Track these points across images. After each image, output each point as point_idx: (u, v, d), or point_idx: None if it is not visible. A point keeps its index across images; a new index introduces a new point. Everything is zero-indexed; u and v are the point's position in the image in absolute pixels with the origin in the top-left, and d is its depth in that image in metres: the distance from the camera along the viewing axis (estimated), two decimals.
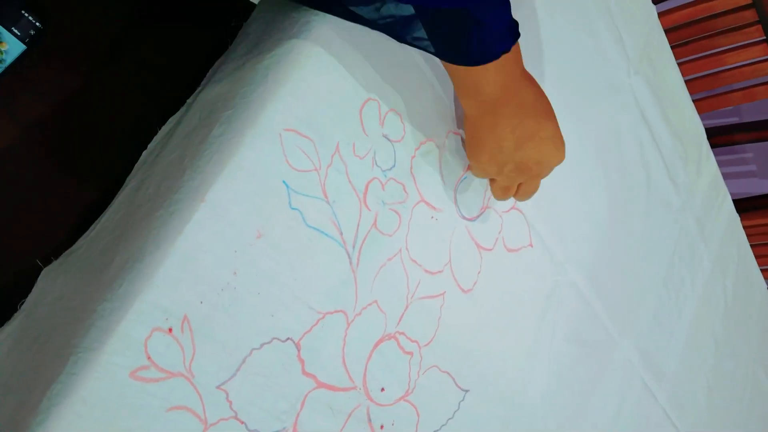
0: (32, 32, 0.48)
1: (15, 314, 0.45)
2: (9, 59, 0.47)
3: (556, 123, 0.56)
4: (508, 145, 0.53)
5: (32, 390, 0.38)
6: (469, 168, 0.61)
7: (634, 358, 0.87)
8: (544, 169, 0.57)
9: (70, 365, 0.37)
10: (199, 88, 0.51)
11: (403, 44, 0.51)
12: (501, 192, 0.60)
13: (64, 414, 0.36)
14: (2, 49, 0.46)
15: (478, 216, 0.63)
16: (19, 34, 0.47)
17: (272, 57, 0.47)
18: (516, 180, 0.57)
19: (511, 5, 0.45)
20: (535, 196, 0.62)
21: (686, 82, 1.02)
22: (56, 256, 0.46)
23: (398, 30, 0.49)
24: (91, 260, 0.45)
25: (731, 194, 1.17)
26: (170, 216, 0.42)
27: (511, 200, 0.67)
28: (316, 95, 0.48)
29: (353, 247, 0.51)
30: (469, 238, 0.62)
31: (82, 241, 0.47)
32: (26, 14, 0.47)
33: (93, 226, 0.47)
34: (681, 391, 0.96)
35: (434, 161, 0.58)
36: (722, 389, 1.09)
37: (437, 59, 0.57)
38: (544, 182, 0.61)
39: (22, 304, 0.45)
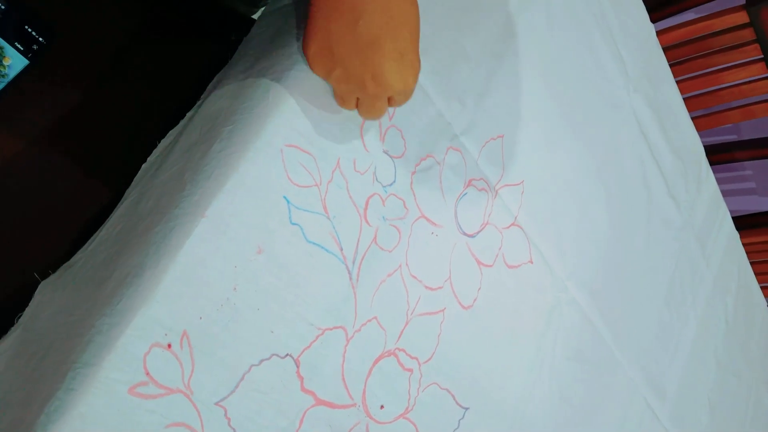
0: (35, 47, 0.48)
1: (12, 328, 0.44)
2: (12, 74, 0.47)
3: (416, 43, 0.47)
4: (342, 44, 0.44)
5: (30, 405, 0.38)
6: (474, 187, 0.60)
7: (636, 377, 0.86)
8: (382, 91, 0.46)
9: (68, 381, 0.37)
10: (199, 102, 0.51)
11: None
12: (339, 100, 0.49)
13: (62, 430, 0.36)
14: (5, 63, 0.47)
15: (478, 232, 0.63)
16: (22, 48, 0.47)
17: (273, 73, 0.48)
18: (350, 93, 0.48)
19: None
20: (536, 212, 0.62)
21: (684, 100, 1.03)
22: (54, 270, 0.46)
23: None
24: (90, 274, 0.44)
25: (730, 211, 1.17)
26: (170, 231, 0.41)
27: (512, 216, 0.67)
28: (318, 111, 0.48)
29: (353, 262, 0.50)
30: (470, 254, 0.62)
31: (80, 255, 0.46)
32: (29, 29, 0.48)
33: (91, 239, 0.47)
34: (683, 410, 0.96)
35: (435, 177, 0.58)
36: (724, 407, 1.08)
37: (438, 76, 0.58)
38: (545, 198, 0.61)
39: (19, 317, 0.45)
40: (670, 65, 0.98)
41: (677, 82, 1.00)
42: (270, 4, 0.54)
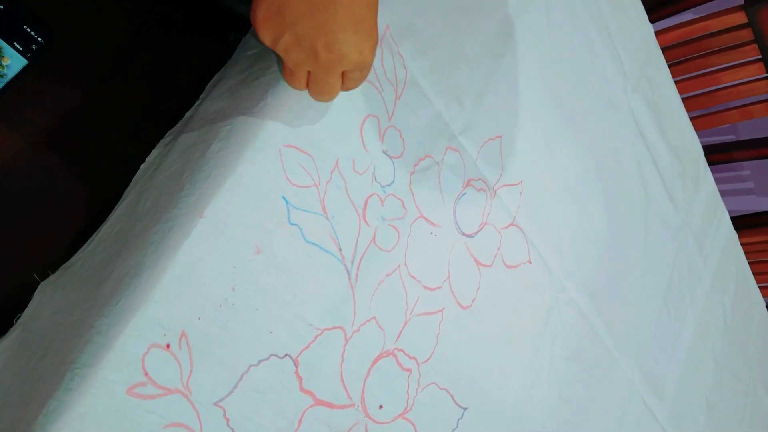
0: (34, 47, 0.48)
1: (11, 329, 0.44)
2: (11, 74, 0.47)
3: (374, 12, 0.43)
4: (293, 5, 0.40)
5: (29, 405, 0.38)
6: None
7: (634, 376, 0.86)
8: (336, 61, 0.43)
9: (66, 381, 0.37)
10: (198, 102, 0.51)
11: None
12: (287, 75, 0.45)
13: (61, 430, 0.35)
14: (4, 63, 0.47)
15: (477, 232, 0.63)
16: (21, 48, 0.47)
17: (272, 73, 0.48)
18: (300, 64, 0.44)
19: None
20: (534, 212, 0.62)
21: (683, 100, 1.03)
22: (53, 270, 0.46)
23: None
24: (89, 274, 0.44)
25: (729, 211, 1.17)
26: (169, 231, 0.41)
27: (510, 216, 0.67)
28: (316, 111, 0.48)
29: (352, 262, 0.50)
30: (468, 255, 0.62)
31: (79, 255, 0.46)
32: (28, 29, 0.47)
33: (90, 239, 0.47)
34: (681, 410, 0.96)
35: (433, 177, 0.58)
36: (722, 407, 1.08)
37: (437, 75, 0.58)
38: (543, 198, 0.61)
39: (19, 318, 0.45)
40: (669, 65, 0.98)
41: (675, 83, 1.00)
42: None
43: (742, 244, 1.21)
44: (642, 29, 0.91)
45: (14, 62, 0.47)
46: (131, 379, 0.38)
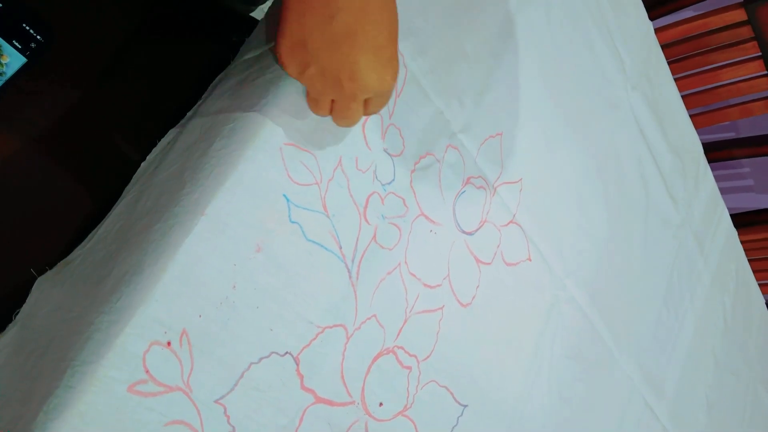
0: (33, 45, 0.48)
1: (10, 325, 0.44)
2: (9, 72, 0.47)
3: (394, 40, 0.44)
4: (316, 38, 0.42)
5: (29, 403, 0.38)
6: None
7: (634, 375, 0.86)
8: (358, 90, 0.44)
9: (67, 378, 0.37)
10: (200, 102, 0.51)
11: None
12: (312, 104, 0.47)
13: (61, 428, 0.36)
14: (3, 61, 0.47)
15: (476, 230, 0.63)
16: (20, 47, 0.47)
17: (274, 72, 0.48)
18: (324, 93, 0.45)
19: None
20: (534, 210, 0.62)
21: (683, 97, 1.03)
22: (52, 267, 0.46)
23: None
24: (88, 272, 0.44)
25: (728, 209, 1.17)
26: (169, 229, 0.41)
27: (510, 214, 0.67)
28: None
29: (353, 260, 0.51)
30: (468, 252, 0.62)
31: (78, 252, 0.46)
32: (27, 27, 0.47)
33: (89, 236, 0.47)
34: (681, 409, 0.96)
35: (433, 175, 0.58)
36: (722, 406, 1.08)
37: (437, 74, 0.58)
38: (543, 196, 0.61)
39: (17, 314, 0.45)
40: (669, 63, 0.98)
41: (675, 80, 1.00)
42: (272, 6, 0.54)
43: (741, 242, 1.21)
44: (642, 27, 0.91)
45: (13, 60, 0.47)
46: (132, 377, 0.38)
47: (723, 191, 1.14)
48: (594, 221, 0.80)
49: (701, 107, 1.48)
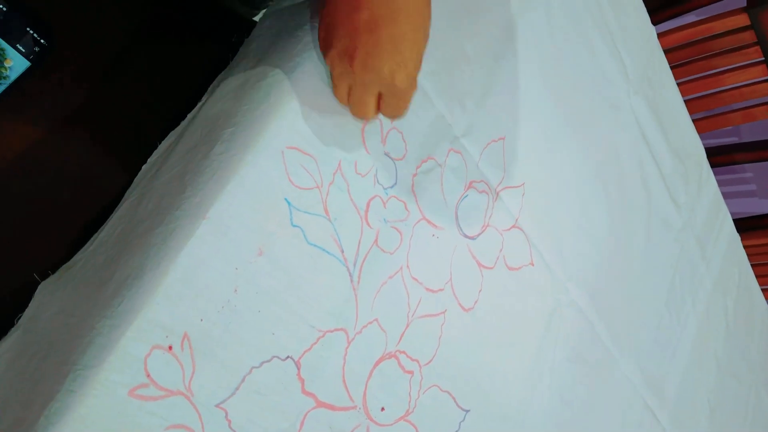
0: (37, 49, 0.48)
1: (12, 329, 0.44)
2: (13, 75, 0.47)
3: (418, 42, 0.46)
4: (343, 24, 0.45)
5: (30, 407, 0.38)
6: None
7: (636, 379, 0.86)
8: (368, 80, 0.46)
9: (68, 382, 0.37)
10: (200, 103, 0.51)
11: None
12: (334, 88, 0.49)
13: None
14: (7, 65, 0.47)
15: (479, 234, 0.63)
16: (23, 50, 0.47)
17: (275, 75, 0.48)
18: (340, 77, 0.47)
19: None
20: (536, 214, 0.62)
21: (685, 102, 1.03)
22: (54, 271, 0.46)
23: None
24: (90, 275, 0.44)
25: (731, 214, 1.17)
26: (171, 232, 0.41)
27: (512, 218, 0.67)
28: (319, 113, 0.48)
29: (354, 264, 0.50)
30: (470, 257, 0.62)
31: (80, 256, 0.46)
32: (31, 31, 0.48)
33: (91, 240, 0.47)
34: (683, 412, 0.96)
35: (436, 179, 0.58)
36: (724, 410, 1.08)
37: (438, 77, 0.58)
38: (546, 200, 0.61)
39: (19, 318, 0.45)
40: (671, 67, 0.98)
41: (678, 85, 1.00)
42: (272, 6, 0.54)
43: (744, 247, 1.21)
44: (644, 31, 0.91)
45: (17, 64, 0.47)
46: (133, 381, 0.38)
47: (725, 196, 1.14)
48: (596, 225, 0.80)
49: (704, 112, 1.47)
